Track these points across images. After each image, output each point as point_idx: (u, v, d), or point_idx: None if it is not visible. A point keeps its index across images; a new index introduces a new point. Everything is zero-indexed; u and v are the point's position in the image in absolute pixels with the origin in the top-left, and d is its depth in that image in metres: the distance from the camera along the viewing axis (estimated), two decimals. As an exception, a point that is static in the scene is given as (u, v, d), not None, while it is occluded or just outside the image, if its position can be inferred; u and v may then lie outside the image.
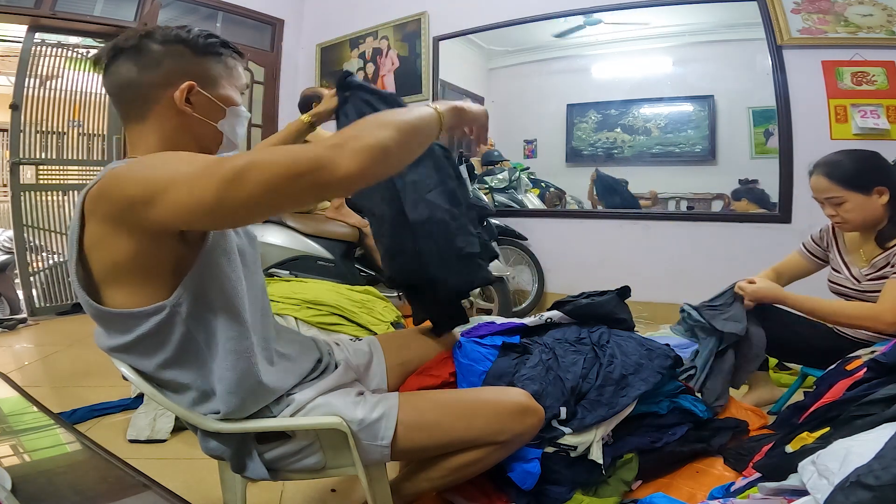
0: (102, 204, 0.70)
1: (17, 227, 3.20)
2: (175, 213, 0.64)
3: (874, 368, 1.03)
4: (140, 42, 0.79)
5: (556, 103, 3.50)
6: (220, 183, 0.61)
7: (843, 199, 1.36)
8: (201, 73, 0.81)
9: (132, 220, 0.68)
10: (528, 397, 0.98)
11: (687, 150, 3.11)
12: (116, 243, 0.70)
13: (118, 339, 0.77)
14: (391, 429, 0.88)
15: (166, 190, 0.63)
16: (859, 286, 1.42)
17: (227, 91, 0.84)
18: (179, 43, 0.80)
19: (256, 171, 0.61)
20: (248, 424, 0.84)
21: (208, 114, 0.82)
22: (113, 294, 0.75)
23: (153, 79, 0.78)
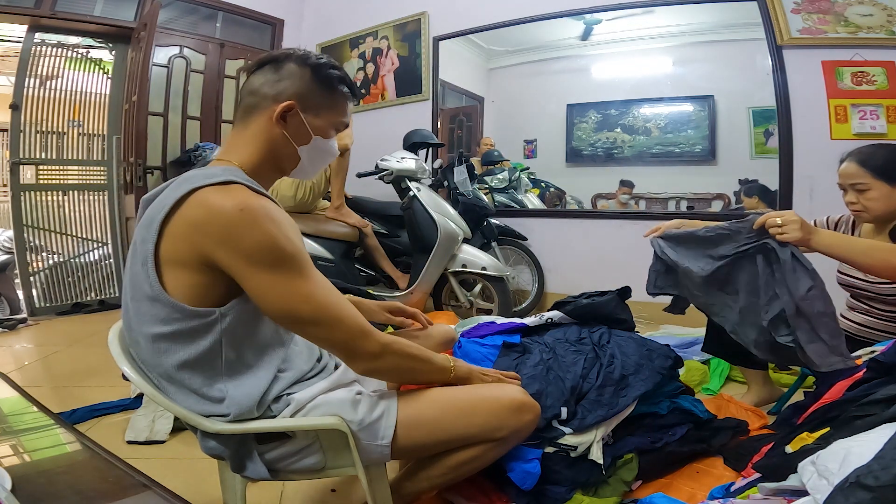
0: (203, 230, 0.74)
1: (17, 227, 3.20)
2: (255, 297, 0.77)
3: (874, 368, 1.03)
4: (281, 59, 0.87)
5: (556, 103, 3.50)
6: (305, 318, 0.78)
7: (868, 186, 1.36)
8: (307, 98, 0.87)
9: (221, 261, 0.75)
10: (524, 394, 0.99)
11: (687, 150, 3.11)
12: (189, 262, 0.76)
13: (154, 328, 0.79)
14: (391, 428, 0.88)
15: (267, 284, 0.75)
16: (872, 279, 1.41)
17: (322, 122, 0.90)
18: (306, 67, 0.87)
19: (326, 328, 0.80)
20: (248, 425, 0.84)
21: (296, 136, 0.88)
22: (172, 281, 0.77)
23: (269, 91, 0.86)
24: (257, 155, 0.87)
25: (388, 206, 3.03)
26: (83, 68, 3.41)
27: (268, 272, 0.75)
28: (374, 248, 2.90)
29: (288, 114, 0.86)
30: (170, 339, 0.79)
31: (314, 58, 0.88)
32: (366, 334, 0.81)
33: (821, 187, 2.51)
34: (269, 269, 0.74)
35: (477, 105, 3.95)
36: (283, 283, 0.75)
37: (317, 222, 2.74)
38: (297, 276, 0.77)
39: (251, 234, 0.73)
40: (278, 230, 0.76)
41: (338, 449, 0.88)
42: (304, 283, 0.77)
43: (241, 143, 0.87)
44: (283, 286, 0.75)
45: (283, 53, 0.88)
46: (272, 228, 0.75)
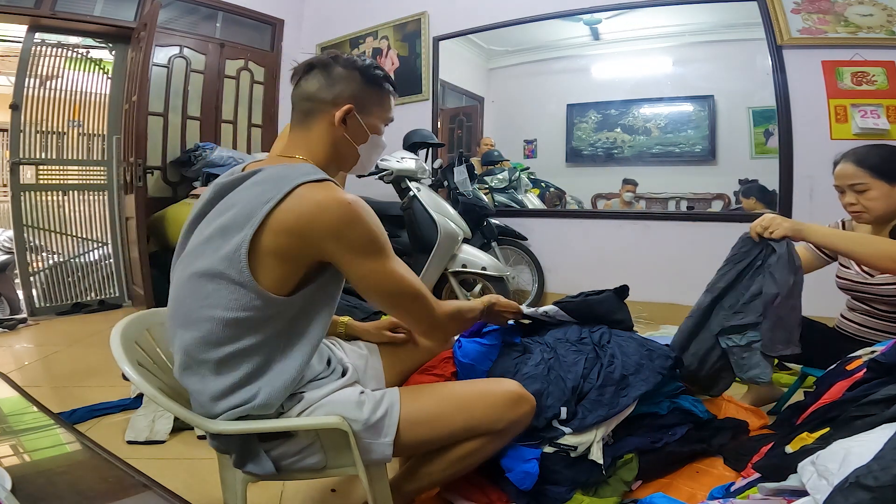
0: (317, 235, 0.81)
1: (17, 227, 3.20)
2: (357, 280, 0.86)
3: (874, 369, 1.03)
4: (329, 63, 0.93)
5: (556, 103, 3.50)
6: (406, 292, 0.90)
7: (867, 186, 1.35)
8: (361, 100, 0.94)
9: (324, 251, 0.83)
10: (520, 386, 1.01)
11: (687, 150, 3.11)
12: (292, 240, 0.81)
13: (225, 313, 0.81)
14: (394, 426, 0.89)
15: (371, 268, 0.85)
16: (871, 280, 1.41)
17: (374, 120, 0.97)
18: (355, 70, 0.93)
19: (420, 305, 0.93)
20: (250, 425, 0.84)
21: (355, 136, 0.95)
22: (260, 269, 0.81)
23: (326, 97, 0.92)
24: (323, 154, 0.93)
25: (388, 206, 3.03)
26: (83, 68, 3.41)
27: (369, 259, 0.84)
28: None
29: (347, 116, 0.92)
30: (243, 325, 0.82)
31: (359, 61, 0.94)
32: (437, 307, 0.94)
33: (821, 187, 2.51)
34: (370, 256, 0.84)
35: (477, 105, 3.95)
36: (381, 268, 0.85)
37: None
38: (389, 260, 0.87)
39: (357, 227, 0.82)
40: (374, 222, 0.85)
41: (339, 448, 0.89)
42: (395, 266, 0.87)
43: (306, 144, 0.93)
44: (382, 270, 0.86)
45: (329, 57, 0.94)
46: (371, 221, 0.85)
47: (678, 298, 2.88)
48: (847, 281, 1.49)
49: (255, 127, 4.14)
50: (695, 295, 1.89)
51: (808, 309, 1.60)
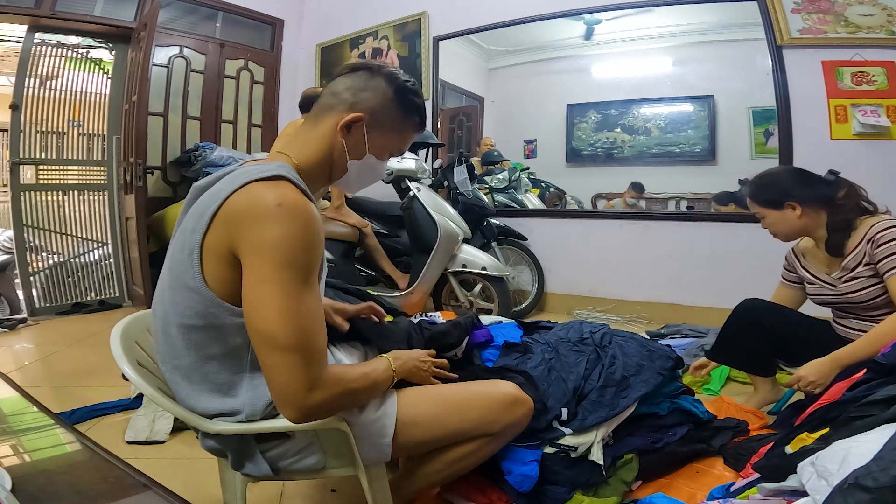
0: (238, 229, 0.73)
1: (17, 227, 3.20)
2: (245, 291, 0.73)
3: (874, 369, 1.03)
4: (373, 69, 0.88)
5: (556, 103, 3.50)
6: (274, 336, 0.71)
7: (761, 214, 1.49)
8: (379, 115, 0.87)
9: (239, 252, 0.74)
10: (517, 389, 1.00)
11: (687, 150, 3.11)
12: (227, 253, 0.75)
13: (186, 319, 0.79)
14: (391, 427, 0.89)
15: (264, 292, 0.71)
16: (835, 290, 1.44)
17: (383, 142, 0.90)
18: (392, 84, 0.87)
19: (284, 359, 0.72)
20: (248, 426, 0.84)
21: (353, 148, 0.87)
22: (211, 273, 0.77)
23: (348, 97, 0.87)
24: (316, 156, 0.87)
25: (389, 206, 3.03)
26: (83, 68, 3.41)
27: (272, 269, 0.70)
28: (375, 248, 2.90)
29: (354, 125, 0.86)
30: (202, 332, 0.79)
31: (402, 79, 0.89)
32: (317, 386, 0.73)
33: (821, 187, 2.51)
34: (275, 266, 0.70)
35: (477, 105, 3.95)
36: (280, 289, 0.70)
37: (317, 222, 2.74)
38: (298, 288, 0.72)
39: (277, 227, 0.71)
40: (305, 235, 0.73)
41: (338, 449, 0.89)
42: (299, 298, 0.72)
43: (306, 141, 0.88)
44: (279, 292, 0.70)
45: (378, 65, 0.89)
46: (299, 231, 0.72)
47: (678, 298, 2.88)
48: (818, 295, 1.51)
49: (255, 127, 4.14)
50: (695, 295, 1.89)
51: (808, 309, 1.60)
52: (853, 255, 1.37)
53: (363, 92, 0.87)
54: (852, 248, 1.38)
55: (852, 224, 1.38)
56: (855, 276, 1.37)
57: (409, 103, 0.90)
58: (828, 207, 1.41)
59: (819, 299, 1.52)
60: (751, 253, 2.64)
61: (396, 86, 0.88)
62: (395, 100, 0.88)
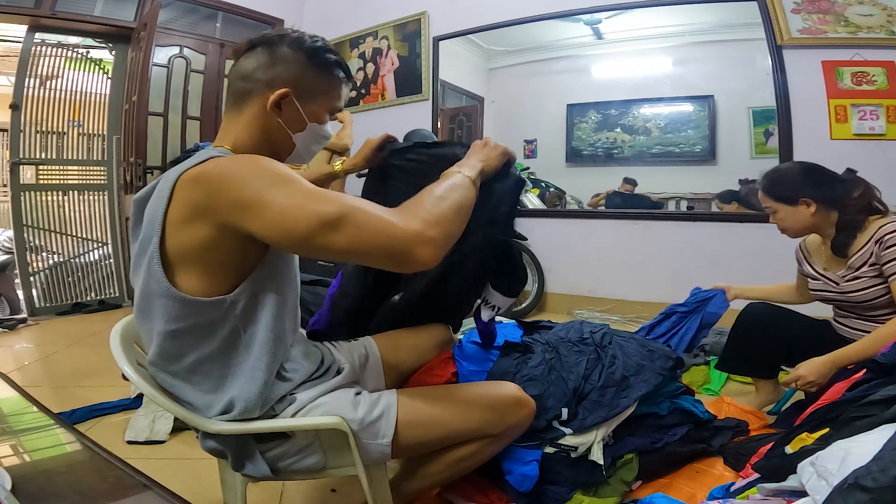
0: (198, 191, 0.73)
1: (17, 227, 3.20)
2: (264, 230, 0.70)
3: (874, 369, 1.03)
4: (274, 42, 0.85)
5: (556, 103, 3.50)
6: (315, 223, 0.68)
7: (773, 209, 1.47)
8: (303, 85, 0.85)
9: (220, 216, 0.72)
10: (519, 390, 1.00)
11: (687, 150, 3.11)
12: (196, 230, 0.74)
13: (169, 325, 0.78)
14: (391, 427, 0.88)
15: (266, 207, 0.69)
16: (838, 288, 1.44)
17: (317, 107, 0.88)
18: (301, 51, 0.85)
19: (353, 227, 0.69)
20: (249, 425, 0.84)
21: (291, 123, 0.86)
22: (180, 277, 0.77)
23: (263, 77, 0.84)
24: (251, 141, 0.85)
25: (388, 206, 3.03)
26: (83, 68, 3.41)
27: (273, 188, 0.70)
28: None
29: (282, 101, 0.84)
30: (188, 334, 0.79)
31: (309, 41, 0.86)
32: (399, 214, 0.72)
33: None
34: (272, 186, 0.70)
35: (477, 105, 3.95)
36: (292, 193, 0.70)
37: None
38: (301, 185, 0.72)
39: (242, 168, 0.72)
40: (258, 160, 0.74)
41: (338, 449, 0.88)
42: (302, 189, 0.71)
43: (235, 129, 0.86)
44: (294, 195, 0.70)
45: (277, 35, 0.86)
46: (251, 161, 0.75)
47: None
48: (819, 291, 1.51)
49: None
50: (694, 295, 1.88)
51: (808, 309, 1.60)
52: (859, 254, 1.37)
53: (274, 67, 0.84)
54: (859, 247, 1.37)
55: (861, 225, 1.37)
56: (858, 275, 1.37)
57: (326, 62, 0.87)
58: (840, 206, 1.40)
59: (820, 296, 1.52)
60: (751, 253, 2.64)
61: (306, 50, 0.85)
62: (311, 64, 0.85)
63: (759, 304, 1.59)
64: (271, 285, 0.83)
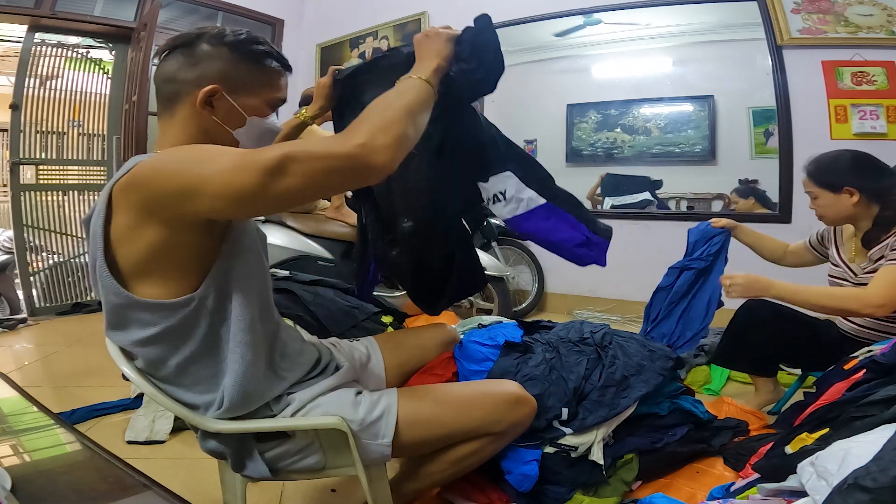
0: (135, 194, 0.72)
1: (17, 227, 3.20)
2: (216, 203, 0.69)
3: (873, 369, 1.03)
4: (193, 41, 0.82)
5: (556, 103, 3.50)
6: (260, 173, 0.66)
7: (815, 194, 1.46)
8: (233, 79, 0.82)
9: (166, 212, 0.71)
10: (520, 388, 1.00)
11: (687, 150, 3.11)
12: (145, 235, 0.73)
13: (142, 332, 0.78)
14: (392, 427, 0.88)
15: (207, 182, 0.68)
16: (856, 279, 1.44)
17: (254, 100, 0.85)
18: (223, 46, 0.82)
19: (297, 164, 0.67)
20: (248, 424, 0.84)
21: (228, 120, 0.83)
22: (140, 287, 0.76)
23: (189, 77, 0.81)
24: (190, 142, 0.82)
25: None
26: (83, 68, 3.41)
27: (207, 164, 0.69)
28: (374, 248, 2.89)
29: (213, 98, 0.81)
30: (164, 339, 0.78)
31: (230, 35, 0.83)
32: (343, 134, 0.71)
33: (821, 187, 2.51)
34: (206, 162, 0.69)
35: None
36: (227, 159, 0.69)
37: (317, 222, 2.74)
38: (232, 150, 0.71)
39: (171, 159, 0.72)
40: (190, 146, 0.76)
41: (338, 449, 0.88)
42: (244, 150, 0.70)
43: (172, 133, 0.83)
44: (229, 159, 0.68)
45: (194, 34, 0.83)
46: (184, 147, 0.77)
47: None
48: (836, 279, 1.51)
49: (255, 127, 4.14)
50: (695, 295, 1.88)
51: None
52: (879, 247, 1.37)
53: (198, 66, 0.81)
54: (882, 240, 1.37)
55: None
56: (876, 267, 1.37)
57: (254, 53, 0.84)
58: (883, 200, 1.38)
59: (834, 281, 1.52)
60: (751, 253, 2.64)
61: (228, 44, 0.82)
62: (237, 57, 0.82)
63: (758, 301, 1.59)
64: (235, 276, 0.81)
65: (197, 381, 0.82)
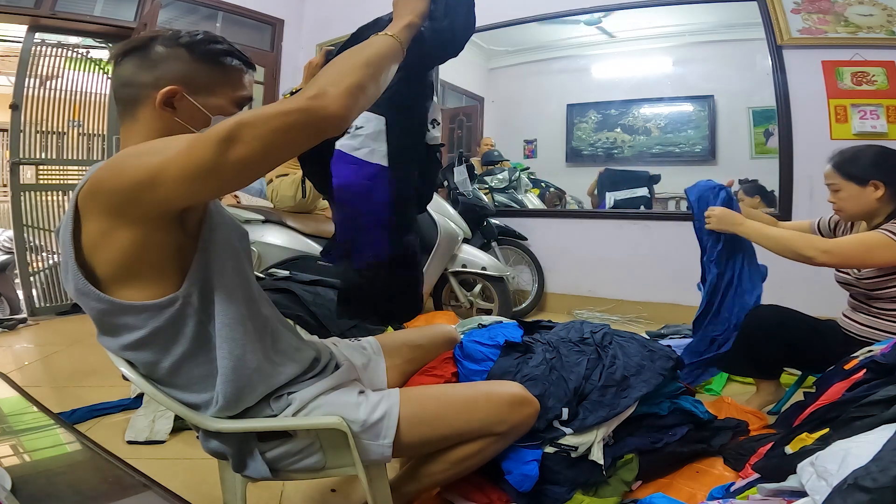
0: (100, 198, 0.71)
1: (17, 227, 3.20)
2: (179, 186, 0.67)
3: (873, 369, 1.03)
4: (146, 44, 0.81)
5: (556, 103, 3.50)
6: (215, 145, 0.65)
7: (838, 186, 1.46)
8: (193, 79, 0.81)
9: (134, 209, 0.70)
10: (523, 389, 0.99)
11: (687, 150, 3.11)
12: (118, 238, 0.72)
13: (131, 336, 0.77)
14: (393, 428, 0.88)
15: (165, 167, 0.67)
16: (860, 274, 1.44)
17: (218, 100, 0.83)
18: (180, 47, 0.81)
19: (249, 129, 0.65)
20: (250, 424, 0.84)
21: (191, 120, 0.81)
22: (122, 292, 0.75)
23: (146, 80, 0.79)
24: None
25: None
26: (83, 68, 3.41)
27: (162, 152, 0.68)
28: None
29: (174, 99, 0.79)
30: (153, 341, 0.78)
31: (186, 36, 0.82)
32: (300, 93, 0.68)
33: (821, 187, 2.47)
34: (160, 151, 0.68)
35: (477, 105, 3.95)
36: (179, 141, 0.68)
37: (317, 222, 2.74)
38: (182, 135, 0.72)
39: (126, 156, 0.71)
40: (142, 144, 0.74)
41: (338, 448, 0.88)
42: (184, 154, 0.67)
43: (136, 138, 0.80)
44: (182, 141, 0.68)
45: (149, 37, 0.82)
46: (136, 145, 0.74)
47: (678, 298, 2.88)
48: (842, 274, 1.52)
49: (255, 127, 4.14)
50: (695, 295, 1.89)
51: (808, 308, 1.60)
52: None
53: (155, 68, 0.80)
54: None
55: None
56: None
57: (211, 52, 0.82)
58: None
59: (841, 278, 1.52)
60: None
61: (185, 45, 0.81)
62: (195, 57, 0.81)
63: (765, 306, 1.58)
64: (215, 271, 0.80)
65: (192, 381, 0.82)
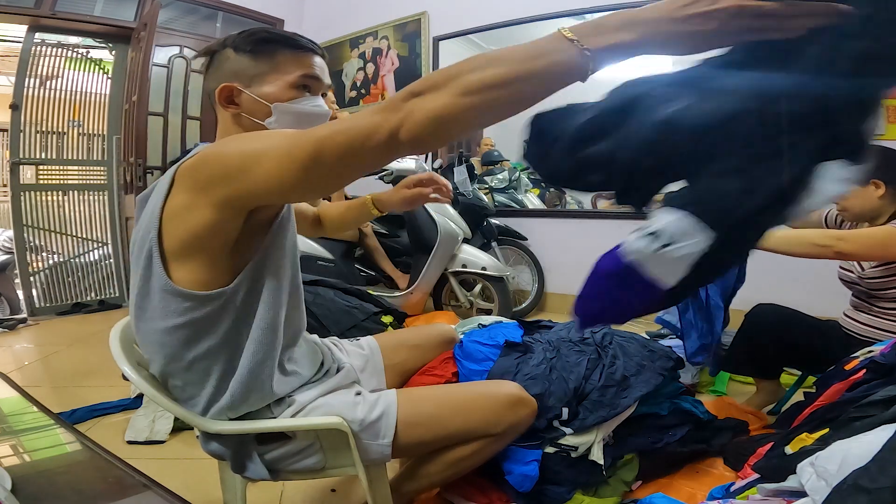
0: (195, 174, 0.73)
1: (17, 227, 3.21)
2: (265, 183, 0.67)
3: (873, 370, 1.04)
4: (207, 53, 0.90)
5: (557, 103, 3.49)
6: (304, 160, 0.63)
7: None
8: (245, 73, 0.86)
9: (221, 189, 0.71)
10: (520, 389, 1.00)
11: (687, 150, 3.11)
12: (194, 216, 0.73)
13: (167, 322, 0.78)
14: (391, 427, 0.89)
15: (259, 161, 0.67)
16: (863, 273, 1.44)
17: (274, 88, 0.86)
18: (227, 48, 0.87)
19: (330, 144, 0.62)
20: (249, 425, 0.84)
21: (255, 113, 0.86)
22: (177, 271, 0.76)
23: (212, 85, 0.87)
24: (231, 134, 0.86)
25: (388, 206, 3.03)
26: (83, 68, 3.41)
27: (263, 140, 0.68)
28: (374, 248, 2.90)
29: (232, 96, 0.86)
30: (189, 328, 0.78)
31: (231, 36, 0.88)
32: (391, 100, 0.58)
33: (821, 187, 2.51)
34: (262, 139, 0.69)
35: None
36: (282, 136, 0.66)
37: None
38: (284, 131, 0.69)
39: (232, 141, 0.73)
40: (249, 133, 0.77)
41: (338, 449, 0.89)
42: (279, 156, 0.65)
43: (221, 136, 0.89)
44: (285, 136, 0.66)
45: (206, 49, 0.91)
46: (243, 133, 0.79)
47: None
48: (845, 271, 1.51)
49: (255, 127, 4.14)
50: (694, 295, 1.88)
51: (808, 308, 1.60)
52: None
53: (214, 72, 0.88)
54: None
55: None
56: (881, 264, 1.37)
57: (254, 41, 0.86)
58: None
59: (845, 276, 1.52)
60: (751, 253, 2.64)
61: (230, 45, 0.87)
62: (240, 54, 0.86)
63: (766, 305, 1.58)
64: (269, 275, 0.82)
65: (205, 377, 0.82)
